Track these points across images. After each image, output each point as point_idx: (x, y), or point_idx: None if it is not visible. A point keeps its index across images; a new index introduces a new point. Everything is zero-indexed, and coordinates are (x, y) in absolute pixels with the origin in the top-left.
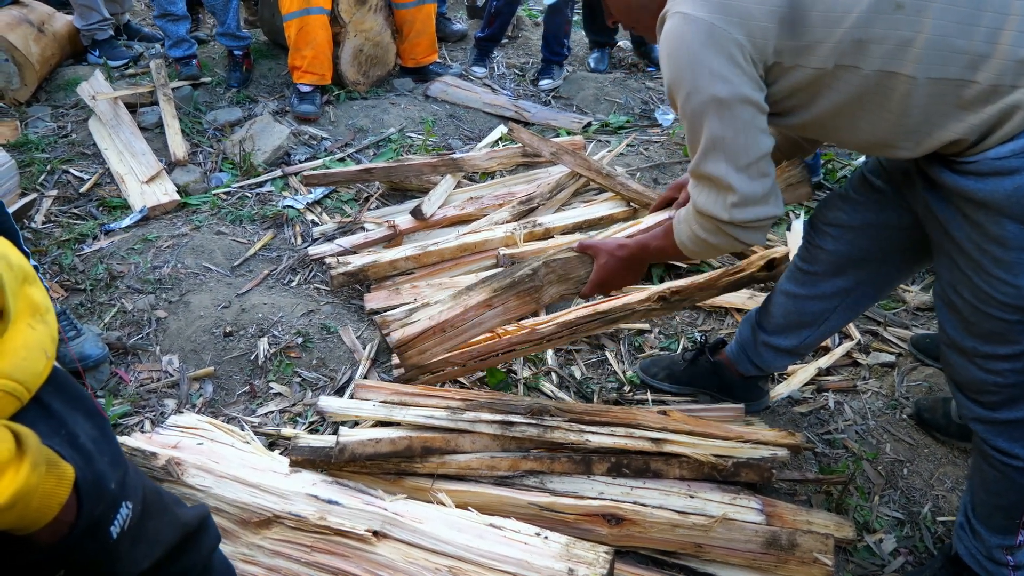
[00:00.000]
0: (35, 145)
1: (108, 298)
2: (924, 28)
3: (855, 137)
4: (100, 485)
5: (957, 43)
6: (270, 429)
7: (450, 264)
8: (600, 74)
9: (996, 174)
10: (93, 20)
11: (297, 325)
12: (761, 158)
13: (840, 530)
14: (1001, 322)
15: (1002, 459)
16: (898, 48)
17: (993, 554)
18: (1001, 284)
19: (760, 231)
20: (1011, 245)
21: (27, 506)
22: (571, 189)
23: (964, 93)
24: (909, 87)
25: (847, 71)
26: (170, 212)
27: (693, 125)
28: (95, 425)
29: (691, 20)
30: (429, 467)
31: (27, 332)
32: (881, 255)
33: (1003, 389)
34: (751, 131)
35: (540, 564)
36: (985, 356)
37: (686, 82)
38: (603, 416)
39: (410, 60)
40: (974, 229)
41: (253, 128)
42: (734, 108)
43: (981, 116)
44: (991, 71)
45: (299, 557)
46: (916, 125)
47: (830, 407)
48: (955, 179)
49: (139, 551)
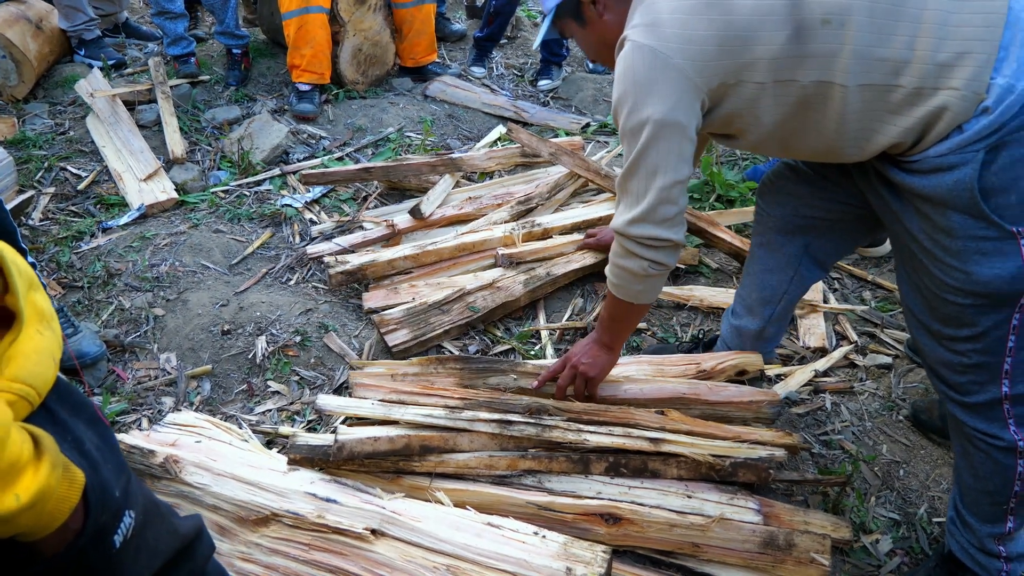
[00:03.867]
0: (33, 142)
1: (106, 296)
2: (848, 40)
3: (806, 147)
4: (106, 492)
5: (878, 51)
6: (268, 427)
7: (448, 264)
8: (599, 75)
9: (937, 171)
10: (79, 21)
11: (295, 324)
12: (675, 184)
13: (837, 531)
14: (956, 306)
15: (985, 439)
16: (828, 59)
17: (985, 544)
18: (952, 270)
19: (661, 251)
20: (957, 234)
21: (43, 508)
22: (570, 189)
23: (892, 98)
24: (843, 95)
25: (787, 84)
26: (168, 210)
27: (628, 142)
28: (97, 433)
29: (638, 47)
30: (427, 466)
31: (37, 338)
32: (825, 224)
33: (969, 370)
34: (672, 156)
35: (538, 563)
36: (949, 338)
37: (628, 102)
38: (601, 415)
39: (409, 60)
40: (924, 220)
41: (252, 127)
42: (664, 130)
43: (911, 119)
44: (913, 75)
45: (297, 555)
46: (856, 131)
47: (827, 408)
48: (903, 176)
49: (140, 562)
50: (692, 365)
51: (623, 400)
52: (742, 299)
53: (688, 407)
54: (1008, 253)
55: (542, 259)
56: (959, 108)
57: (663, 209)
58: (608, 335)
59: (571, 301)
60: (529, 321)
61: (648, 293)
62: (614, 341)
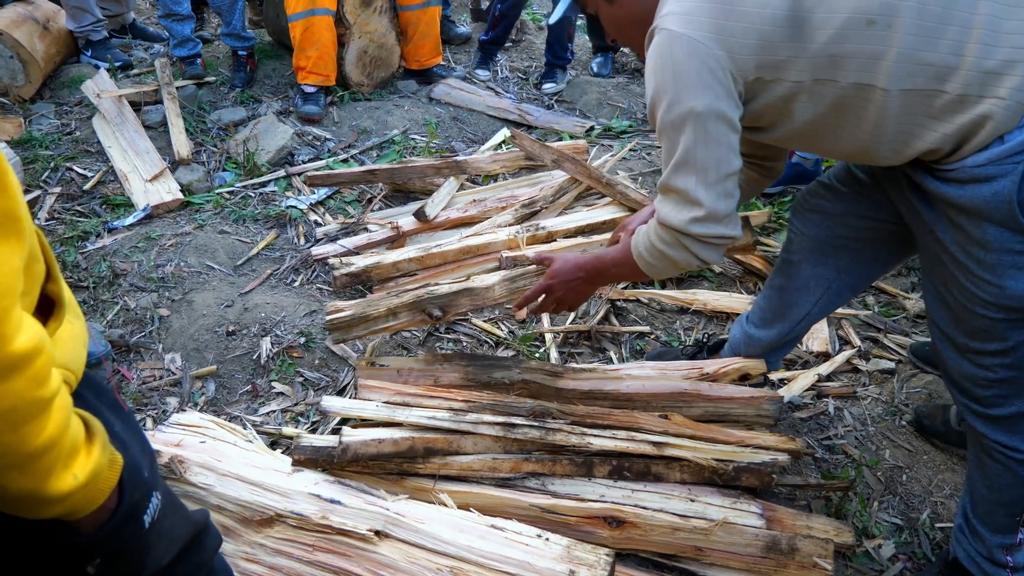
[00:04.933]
0: (39, 142)
1: (111, 296)
2: (894, 42)
3: (838, 147)
4: (137, 472)
5: (925, 56)
6: (272, 428)
7: (453, 266)
8: (603, 78)
9: (975, 181)
10: (86, 22)
11: (300, 325)
12: (729, 176)
13: (839, 535)
14: (988, 320)
15: (1005, 451)
16: (871, 61)
17: (993, 554)
18: (985, 284)
19: (717, 249)
20: (992, 247)
21: (92, 487)
22: (574, 193)
23: (935, 103)
24: (883, 98)
25: (825, 84)
26: (173, 211)
27: (670, 137)
28: (119, 417)
29: (675, 37)
30: (431, 468)
31: (69, 325)
32: (859, 244)
33: (995, 384)
34: (722, 148)
35: (541, 565)
36: (976, 352)
37: (667, 95)
38: (605, 419)
39: (414, 62)
40: (958, 232)
41: (257, 128)
42: (709, 122)
43: (953, 125)
44: (958, 82)
45: (301, 556)
46: (893, 135)
47: (830, 413)
48: (937, 185)
49: (163, 545)
50: (695, 370)
51: (625, 395)
52: (761, 310)
53: (690, 403)
54: None
55: None
56: (1002, 118)
57: (723, 204)
58: (601, 278)
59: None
60: (533, 324)
61: (669, 273)
62: (601, 283)
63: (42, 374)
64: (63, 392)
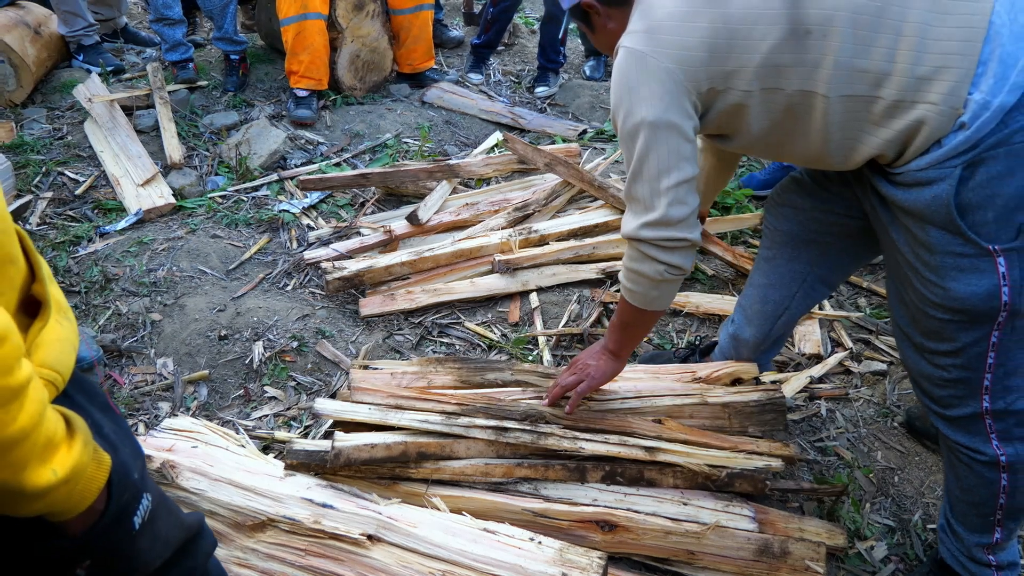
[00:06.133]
0: (30, 147)
1: (103, 300)
2: (830, 50)
3: (796, 153)
4: (126, 474)
5: (860, 63)
6: (264, 433)
7: (445, 270)
8: (596, 82)
9: (917, 185)
10: (78, 26)
11: (292, 329)
12: (680, 184)
13: (832, 537)
14: (937, 320)
15: (968, 453)
16: (811, 70)
17: (973, 554)
18: (932, 285)
19: (680, 252)
20: (936, 250)
21: (75, 486)
22: (566, 196)
23: (873, 109)
24: (825, 105)
25: (774, 92)
26: (165, 215)
27: (627, 148)
28: (110, 419)
29: (631, 53)
30: (424, 472)
31: (58, 327)
32: (830, 239)
33: (949, 384)
34: (673, 156)
35: (534, 569)
36: (931, 352)
37: (623, 108)
38: (597, 423)
39: (407, 66)
40: (907, 234)
41: (249, 132)
42: (660, 132)
43: (892, 131)
44: (893, 87)
45: (293, 560)
46: (839, 140)
47: (822, 415)
48: (888, 188)
49: (155, 548)
50: (687, 373)
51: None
52: (743, 309)
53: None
54: (984, 270)
55: (538, 265)
56: (937, 123)
57: (675, 210)
58: (617, 343)
59: (567, 307)
60: (526, 327)
61: (663, 299)
62: (622, 348)
63: (7, 362)
64: (36, 385)
